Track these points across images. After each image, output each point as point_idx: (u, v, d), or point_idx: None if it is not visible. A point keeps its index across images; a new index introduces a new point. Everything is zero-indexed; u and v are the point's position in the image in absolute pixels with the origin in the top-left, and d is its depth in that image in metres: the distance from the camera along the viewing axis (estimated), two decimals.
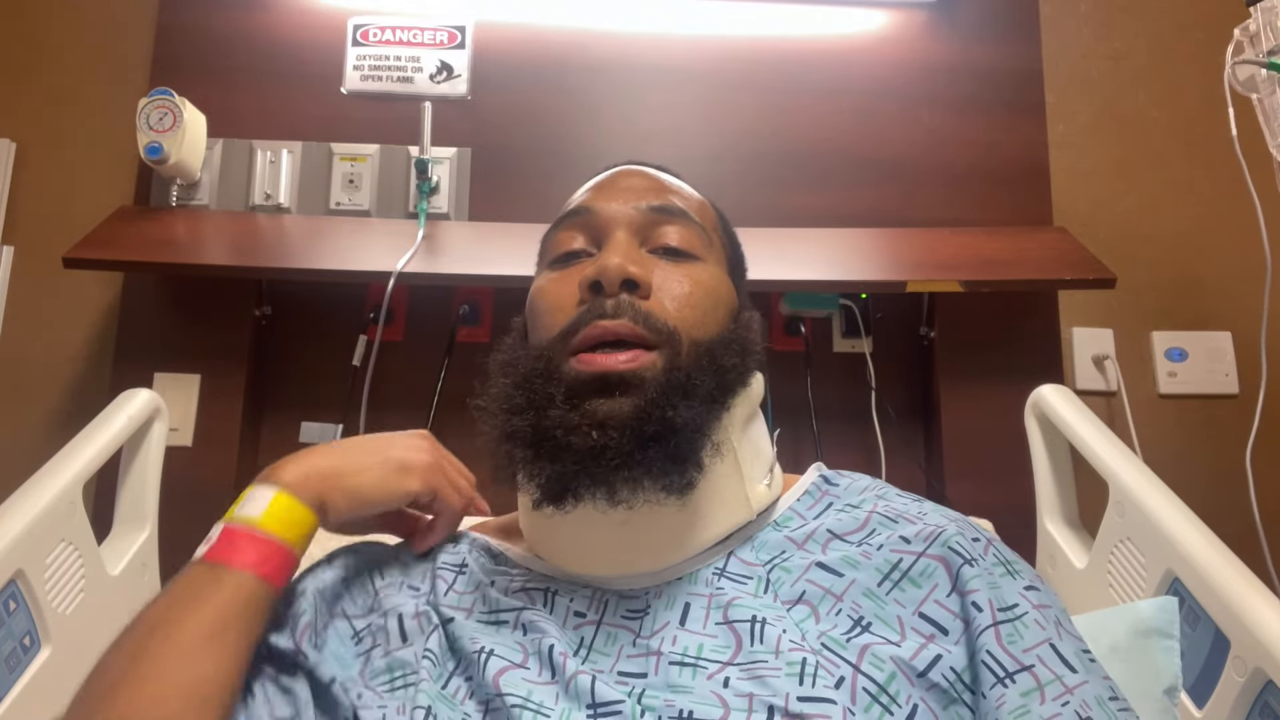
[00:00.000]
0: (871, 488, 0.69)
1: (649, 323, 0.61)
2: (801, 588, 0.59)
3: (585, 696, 0.53)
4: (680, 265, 0.66)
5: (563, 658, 0.56)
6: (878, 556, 0.59)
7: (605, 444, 0.56)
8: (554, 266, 0.69)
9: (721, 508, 0.63)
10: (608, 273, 0.62)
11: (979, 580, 0.56)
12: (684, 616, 0.58)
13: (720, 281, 0.69)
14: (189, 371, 1.39)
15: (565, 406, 0.58)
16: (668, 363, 0.60)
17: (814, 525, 0.64)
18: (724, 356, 0.63)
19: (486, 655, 0.57)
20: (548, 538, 0.64)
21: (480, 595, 0.64)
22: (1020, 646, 0.53)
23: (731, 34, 1.59)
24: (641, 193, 0.70)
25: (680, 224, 0.68)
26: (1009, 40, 1.60)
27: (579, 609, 0.61)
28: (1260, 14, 1.13)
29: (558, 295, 0.66)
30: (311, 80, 1.54)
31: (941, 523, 0.61)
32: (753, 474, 0.65)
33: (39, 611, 0.86)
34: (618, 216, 0.67)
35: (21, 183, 1.52)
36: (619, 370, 0.59)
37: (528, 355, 0.64)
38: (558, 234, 0.70)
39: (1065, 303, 1.52)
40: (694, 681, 0.53)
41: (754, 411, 0.68)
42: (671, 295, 0.64)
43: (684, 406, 0.58)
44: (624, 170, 0.75)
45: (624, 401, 0.58)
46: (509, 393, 0.62)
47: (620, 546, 0.61)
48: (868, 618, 0.56)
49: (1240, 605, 0.76)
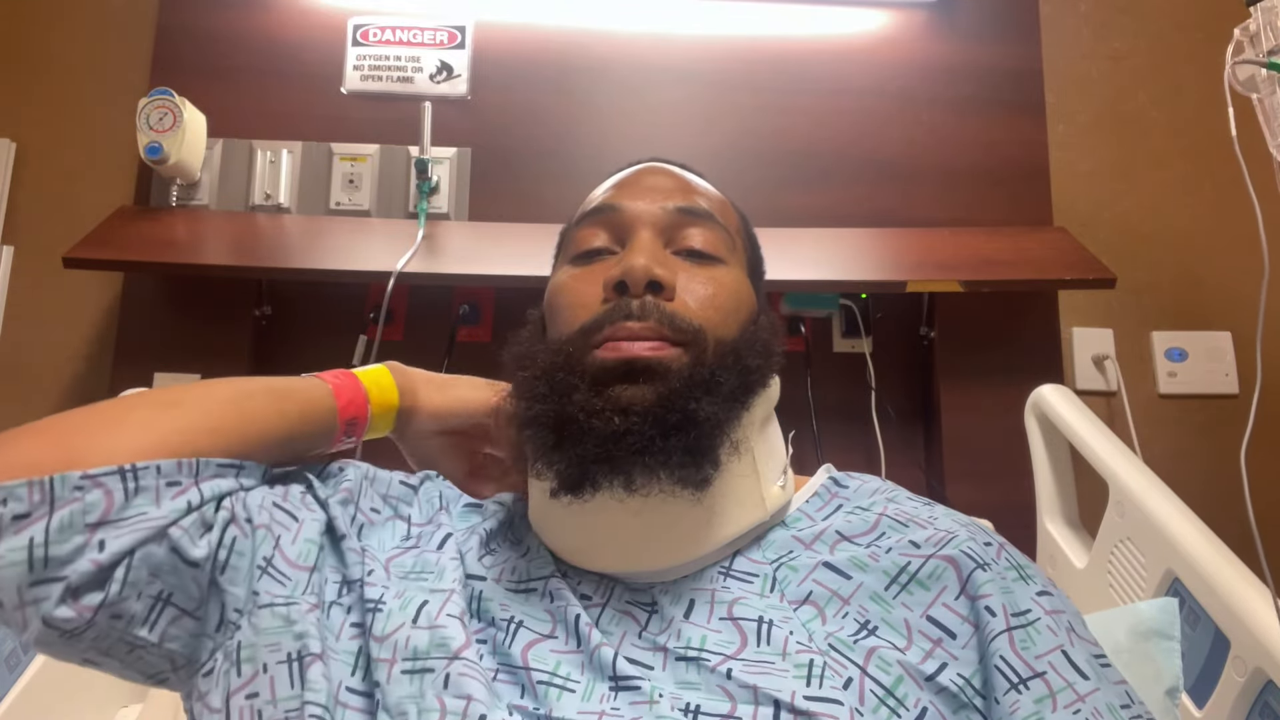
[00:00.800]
0: (882, 490, 0.68)
1: (674, 323, 0.61)
2: (808, 588, 0.59)
3: (607, 669, 0.53)
4: (704, 268, 0.66)
5: (588, 628, 0.56)
6: (886, 559, 0.59)
7: (627, 429, 0.56)
8: (576, 263, 0.68)
9: (737, 506, 0.63)
10: (633, 273, 0.62)
11: (991, 585, 0.56)
12: (689, 612, 0.58)
13: (742, 284, 0.68)
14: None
15: (589, 393, 0.58)
16: (693, 358, 0.60)
17: (823, 526, 0.64)
18: (749, 356, 0.63)
19: (516, 625, 0.57)
20: (558, 530, 0.64)
21: (510, 564, 0.64)
22: (1033, 653, 0.53)
23: (731, 34, 1.59)
24: (667, 193, 0.69)
25: (705, 226, 0.68)
26: (1009, 40, 1.60)
27: (586, 592, 0.61)
28: (1260, 14, 1.13)
29: (580, 292, 0.65)
30: (311, 80, 1.54)
31: (952, 528, 0.61)
32: (768, 474, 0.65)
33: None
34: (643, 216, 0.67)
35: (21, 183, 1.52)
36: (644, 357, 0.59)
37: (547, 349, 0.64)
38: (580, 230, 0.69)
39: (1065, 303, 1.52)
40: (699, 676, 0.53)
41: (771, 413, 0.68)
42: (696, 296, 0.64)
43: (707, 401, 0.58)
44: (648, 168, 0.74)
45: (647, 389, 0.58)
46: (530, 383, 0.62)
47: (632, 539, 0.61)
48: (874, 621, 0.56)
49: (1240, 605, 0.76)
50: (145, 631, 0.54)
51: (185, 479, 0.56)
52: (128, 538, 0.52)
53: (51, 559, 0.50)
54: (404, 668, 0.53)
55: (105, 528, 0.52)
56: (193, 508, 0.55)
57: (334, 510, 0.62)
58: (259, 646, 0.54)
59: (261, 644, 0.54)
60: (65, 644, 0.52)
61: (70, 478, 0.52)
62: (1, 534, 0.50)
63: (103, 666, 0.56)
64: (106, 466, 0.53)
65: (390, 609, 0.56)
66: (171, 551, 0.54)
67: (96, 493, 0.52)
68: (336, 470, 0.68)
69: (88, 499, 0.52)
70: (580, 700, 0.53)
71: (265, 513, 0.59)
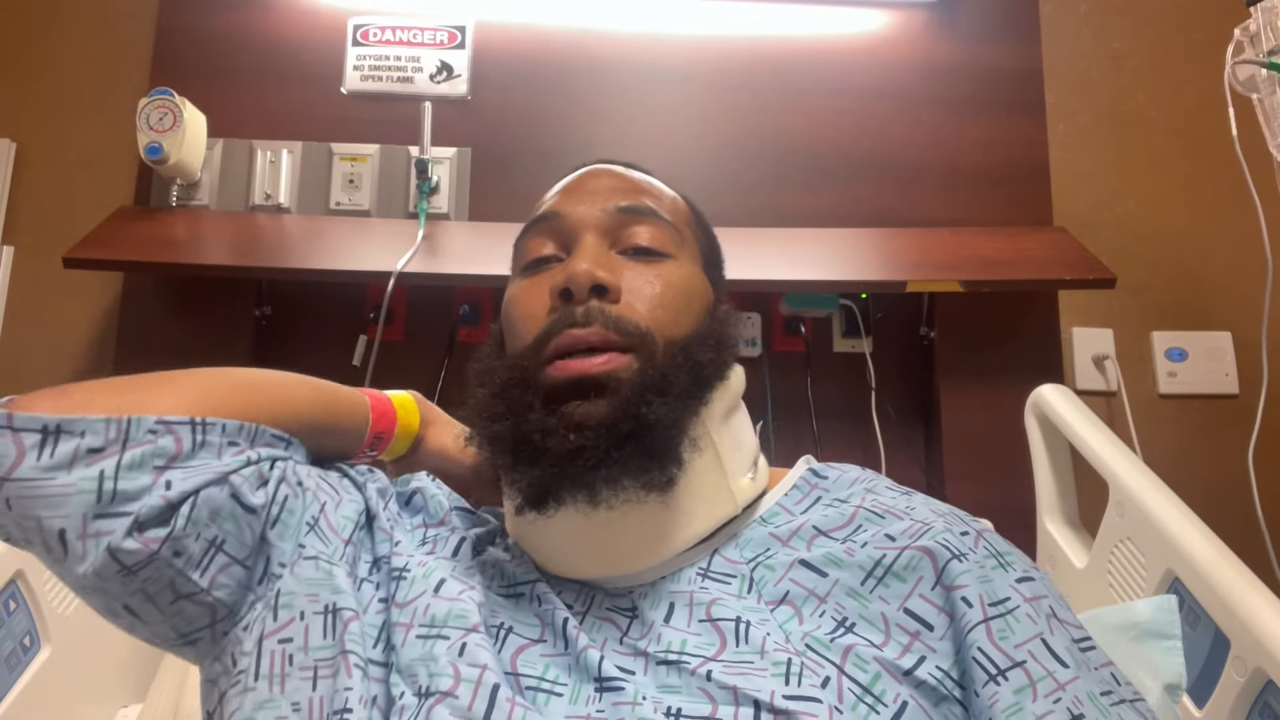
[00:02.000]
0: (861, 480, 0.68)
1: (620, 327, 0.61)
2: (785, 587, 0.59)
3: (593, 670, 0.54)
4: (651, 265, 0.66)
5: (575, 630, 0.57)
6: (861, 554, 0.59)
7: (581, 445, 0.57)
8: (525, 273, 0.69)
9: (704, 503, 0.63)
10: (576, 279, 0.62)
11: (968, 575, 0.56)
12: (669, 615, 0.58)
13: (693, 278, 0.68)
14: None
15: (543, 411, 0.59)
16: (643, 363, 0.60)
17: (800, 521, 0.64)
18: (699, 352, 0.63)
19: (506, 631, 0.58)
20: (532, 540, 0.64)
21: (499, 568, 0.65)
22: (1012, 642, 0.53)
23: (731, 34, 1.59)
24: (609, 193, 0.69)
25: (649, 222, 0.68)
26: (1009, 40, 1.60)
27: (568, 600, 0.61)
28: (1260, 14, 1.13)
29: (529, 304, 0.66)
30: (311, 80, 1.54)
31: (929, 518, 0.61)
32: (735, 467, 0.65)
33: (39, 611, 0.86)
34: (586, 219, 0.67)
35: (21, 183, 1.52)
36: (593, 373, 0.59)
37: (503, 365, 0.64)
38: (528, 240, 0.70)
39: (1065, 303, 1.52)
40: (680, 679, 0.53)
41: (735, 405, 0.68)
42: (643, 296, 0.64)
43: (659, 403, 0.58)
44: (591, 171, 0.74)
45: (600, 403, 0.58)
46: (488, 401, 0.63)
47: (604, 548, 0.61)
48: (851, 618, 0.56)
49: (1240, 605, 0.76)
50: (197, 575, 0.56)
51: (243, 441, 0.60)
52: (195, 479, 0.56)
53: (119, 493, 0.53)
54: (419, 633, 0.55)
55: (172, 470, 0.55)
56: (251, 463, 0.59)
57: (370, 492, 0.67)
58: (298, 595, 0.58)
59: (301, 592, 0.58)
60: (120, 580, 0.55)
61: (146, 421, 0.56)
62: (75, 463, 0.53)
63: (143, 616, 0.57)
64: (180, 416, 0.57)
65: (414, 576, 0.59)
66: (231, 497, 0.58)
67: (168, 438, 0.56)
68: (367, 470, 0.71)
69: (160, 442, 0.56)
70: (568, 704, 0.53)
71: (313, 480, 0.64)
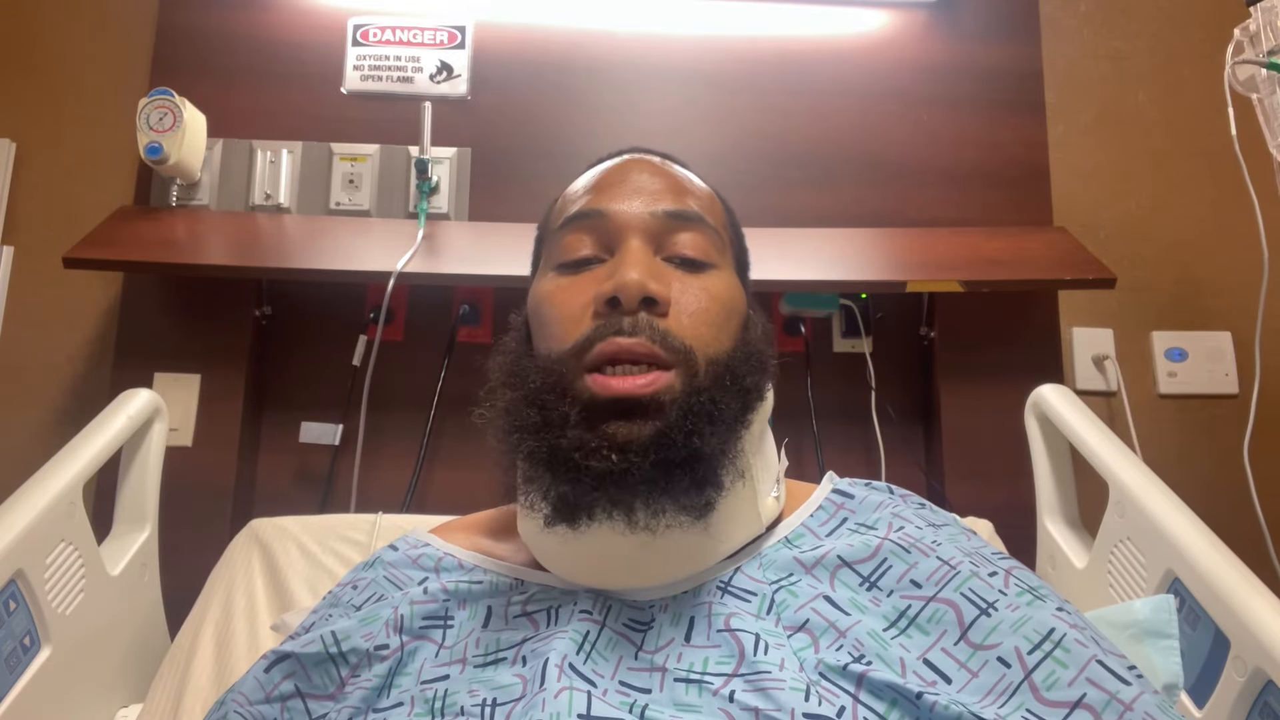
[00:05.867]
0: (887, 505, 0.66)
1: (666, 342, 0.58)
2: (805, 615, 0.57)
3: (579, 706, 0.50)
4: (697, 277, 0.64)
5: (556, 670, 0.53)
6: (886, 604, 0.57)
7: (626, 468, 0.54)
8: (562, 271, 0.65)
9: (735, 524, 0.61)
10: (627, 289, 0.59)
11: (1000, 630, 0.53)
12: (689, 633, 0.57)
13: (734, 289, 0.66)
14: (189, 371, 1.39)
15: (582, 428, 0.56)
16: (685, 384, 0.58)
17: (826, 549, 0.62)
18: (746, 375, 0.61)
19: (490, 707, 0.54)
20: (554, 553, 0.62)
21: (473, 637, 0.61)
22: (1065, 680, 0.50)
23: (732, 34, 1.59)
24: (656, 195, 0.66)
25: (696, 230, 0.65)
26: (1009, 40, 1.60)
27: (585, 608, 0.60)
28: (1260, 14, 1.13)
29: (568, 304, 0.62)
30: (311, 80, 1.54)
31: (954, 558, 0.59)
32: (764, 488, 0.64)
33: (39, 611, 0.86)
34: (632, 222, 0.64)
35: (21, 183, 1.52)
36: (637, 395, 0.56)
37: (536, 368, 0.61)
38: (565, 236, 0.66)
39: (1065, 303, 1.52)
40: (700, 699, 0.52)
41: (766, 424, 0.67)
42: (688, 311, 0.61)
43: (710, 432, 0.56)
44: (632, 161, 0.70)
45: (644, 425, 0.56)
46: (520, 408, 0.59)
47: (633, 564, 0.60)
48: (869, 656, 0.54)
49: (1240, 605, 0.76)
50: None
51: None
52: None
53: None
54: None
55: None
56: None
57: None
58: None
59: None
60: None
61: None
62: None
63: None
64: None
65: None
66: None
67: None
68: None
69: None
70: None
71: None
